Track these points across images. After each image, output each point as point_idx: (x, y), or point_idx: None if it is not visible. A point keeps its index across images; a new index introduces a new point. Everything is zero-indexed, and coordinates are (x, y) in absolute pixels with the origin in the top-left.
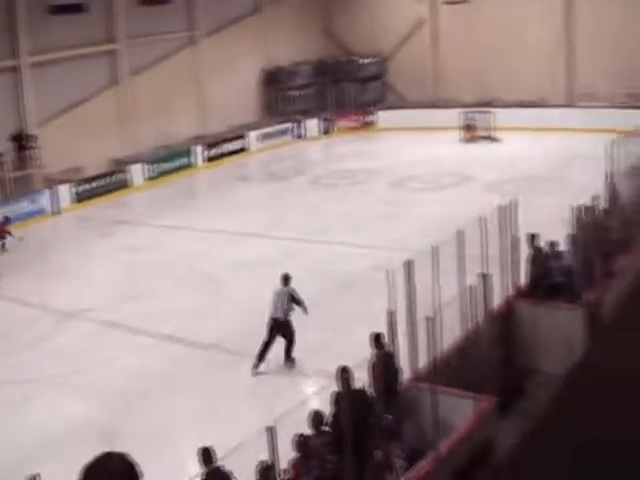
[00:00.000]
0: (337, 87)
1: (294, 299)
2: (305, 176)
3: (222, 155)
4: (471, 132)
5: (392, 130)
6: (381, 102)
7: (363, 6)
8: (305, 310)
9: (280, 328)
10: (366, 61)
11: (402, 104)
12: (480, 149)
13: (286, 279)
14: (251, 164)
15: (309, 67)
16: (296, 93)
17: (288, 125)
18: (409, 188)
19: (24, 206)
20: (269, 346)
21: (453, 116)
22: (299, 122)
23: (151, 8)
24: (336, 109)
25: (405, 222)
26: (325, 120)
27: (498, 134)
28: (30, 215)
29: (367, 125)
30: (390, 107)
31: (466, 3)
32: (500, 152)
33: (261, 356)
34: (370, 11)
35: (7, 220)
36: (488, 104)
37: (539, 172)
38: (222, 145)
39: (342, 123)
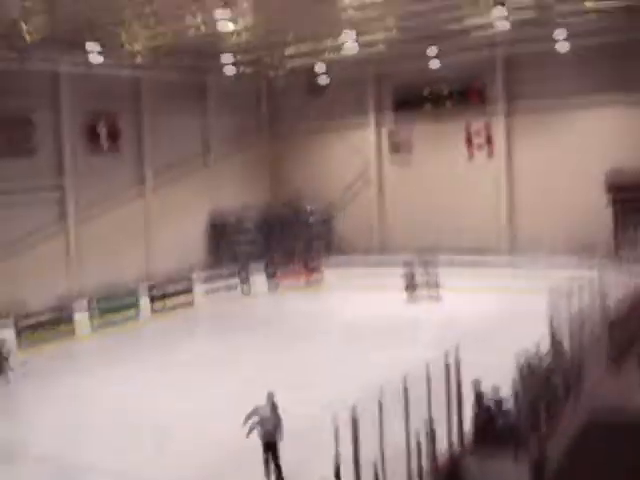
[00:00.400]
0: (284, 237)
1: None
2: (251, 331)
3: (168, 307)
4: (413, 290)
5: (339, 287)
6: (328, 254)
7: (312, 160)
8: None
9: (270, 447)
10: (313, 212)
11: (349, 260)
12: (424, 307)
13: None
14: (197, 317)
15: (256, 217)
16: (243, 243)
17: (234, 278)
18: (356, 346)
19: None
20: (269, 463)
21: (399, 271)
22: (245, 274)
23: (101, 157)
24: (283, 262)
25: (351, 378)
26: (271, 274)
27: (441, 291)
28: None
29: (313, 280)
30: (338, 262)
31: (409, 154)
32: (444, 310)
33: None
34: (318, 163)
35: None
36: (431, 256)
37: (482, 329)
38: (168, 296)
39: (289, 278)
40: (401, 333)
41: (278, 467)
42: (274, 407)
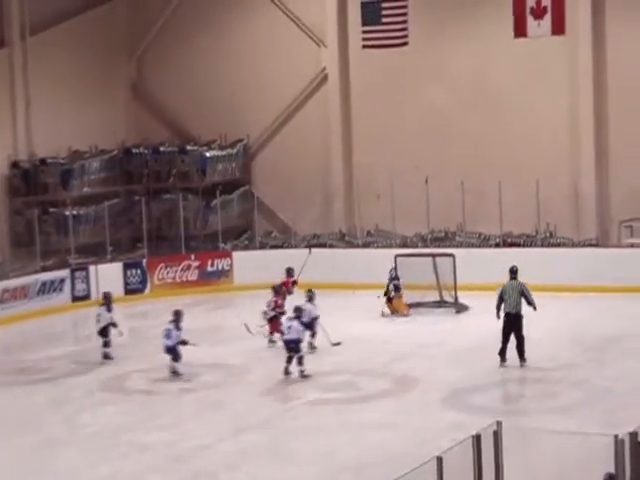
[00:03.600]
0: (157, 203)
1: (524, 295)
2: (92, 375)
3: None
4: (395, 298)
5: (261, 288)
6: (242, 234)
7: (210, 54)
8: (535, 307)
9: (514, 323)
10: (214, 153)
11: (282, 238)
12: (428, 325)
13: (514, 272)
14: None
15: (103, 162)
16: (77, 213)
17: (60, 275)
18: (300, 401)
19: None
20: (507, 343)
21: (378, 263)
22: (82, 269)
23: None
24: (155, 246)
25: (297, 465)
26: (134, 267)
27: (462, 296)
28: None
29: (214, 278)
30: (259, 244)
31: (403, 47)
32: (467, 331)
33: (503, 352)
34: (223, 63)
35: (290, 273)
36: (445, 241)
37: (544, 369)
38: None
39: (165, 273)
40: (390, 373)
41: None
42: (518, 284)
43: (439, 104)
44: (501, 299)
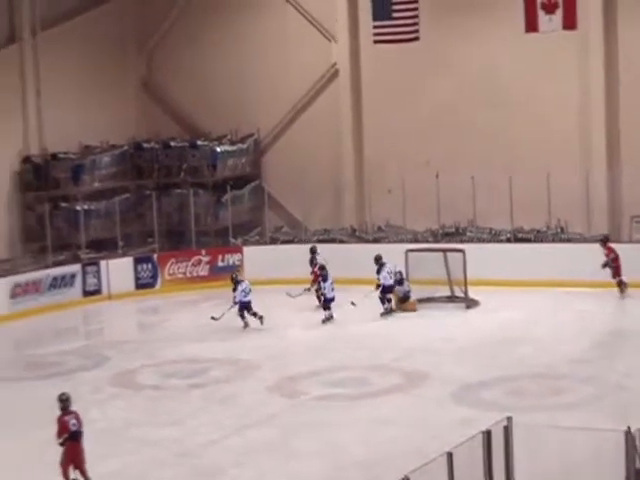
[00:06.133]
0: (167, 198)
1: None
2: (101, 369)
3: None
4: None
5: (271, 283)
6: (252, 229)
7: (220, 49)
8: None
9: None
10: (225, 148)
11: (292, 234)
12: (438, 320)
13: None
14: None
15: (114, 157)
16: (88, 207)
17: (71, 269)
18: (309, 396)
19: None
20: None
21: (389, 258)
22: (93, 264)
23: None
24: (166, 241)
25: (305, 461)
26: (145, 261)
27: (473, 292)
28: None
29: (225, 273)
30: (270, 239)
31: (414, 41)
32: (477, 326)
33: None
34: (234, 58)
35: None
36: (455, 236)
37: (556, 365)
38: None
39: (176, 268)
40: (400, 368)
41: None
42: None
43: (450, 99)
44: None
